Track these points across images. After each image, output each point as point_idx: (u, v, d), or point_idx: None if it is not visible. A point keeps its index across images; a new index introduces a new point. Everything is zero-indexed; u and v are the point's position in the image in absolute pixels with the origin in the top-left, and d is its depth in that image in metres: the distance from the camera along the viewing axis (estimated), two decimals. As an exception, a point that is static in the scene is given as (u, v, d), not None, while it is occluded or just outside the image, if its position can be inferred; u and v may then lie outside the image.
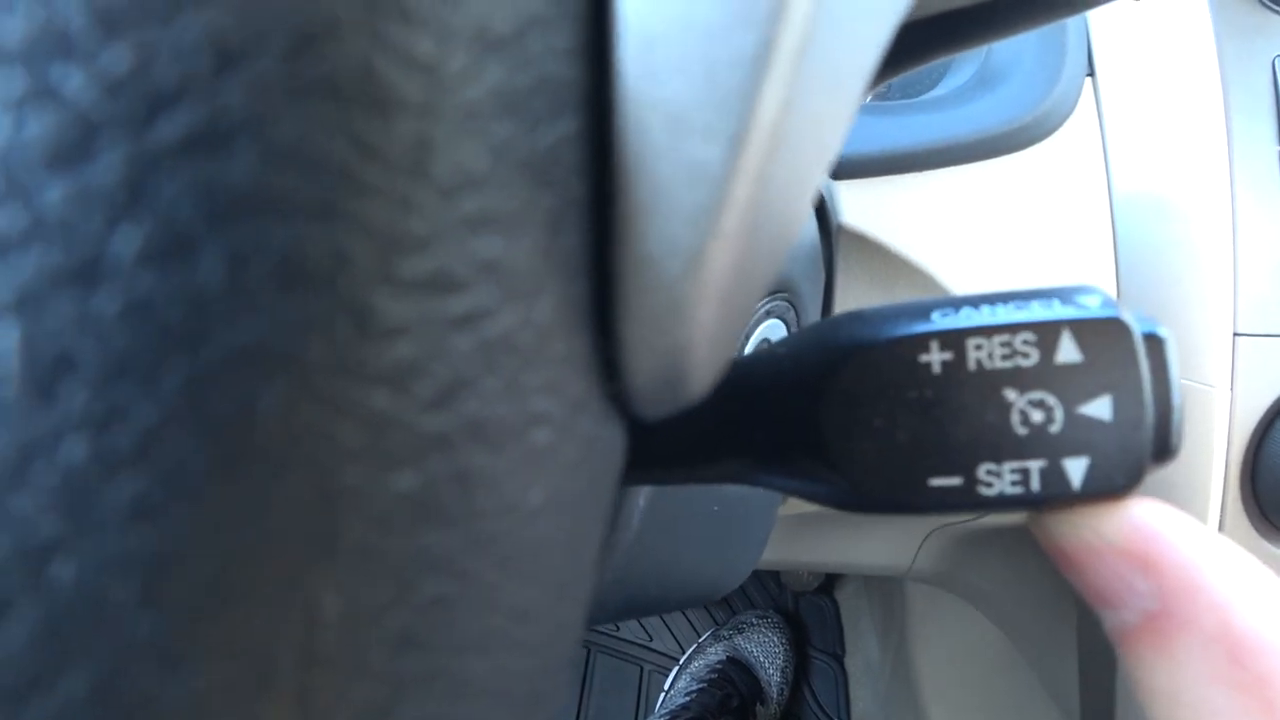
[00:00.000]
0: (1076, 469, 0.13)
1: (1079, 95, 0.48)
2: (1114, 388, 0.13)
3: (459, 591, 0.09)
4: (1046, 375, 0.13)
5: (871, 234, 0.46)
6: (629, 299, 0.09)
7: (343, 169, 0.07)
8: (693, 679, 0.91)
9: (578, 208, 0.09)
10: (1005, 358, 0.13)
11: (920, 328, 0.13)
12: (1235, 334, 0.45)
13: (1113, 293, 0.47)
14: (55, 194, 0.06)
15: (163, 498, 0.07)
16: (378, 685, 0.08)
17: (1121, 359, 0.13)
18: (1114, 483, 0.13)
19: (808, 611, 1.00)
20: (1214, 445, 0.45)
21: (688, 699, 0.87)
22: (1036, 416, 0.13)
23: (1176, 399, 0.13)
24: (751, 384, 0.14)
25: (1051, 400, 0.13)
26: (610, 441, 0.11)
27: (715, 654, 0.94)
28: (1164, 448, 0.13)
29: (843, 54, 0.10)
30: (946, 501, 0.13)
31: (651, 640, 1.03)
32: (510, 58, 0.08)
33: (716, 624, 1.01)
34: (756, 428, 0.14)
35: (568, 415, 0.10)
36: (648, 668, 1.01)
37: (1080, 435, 0.13)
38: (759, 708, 0.90)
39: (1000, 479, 0.13)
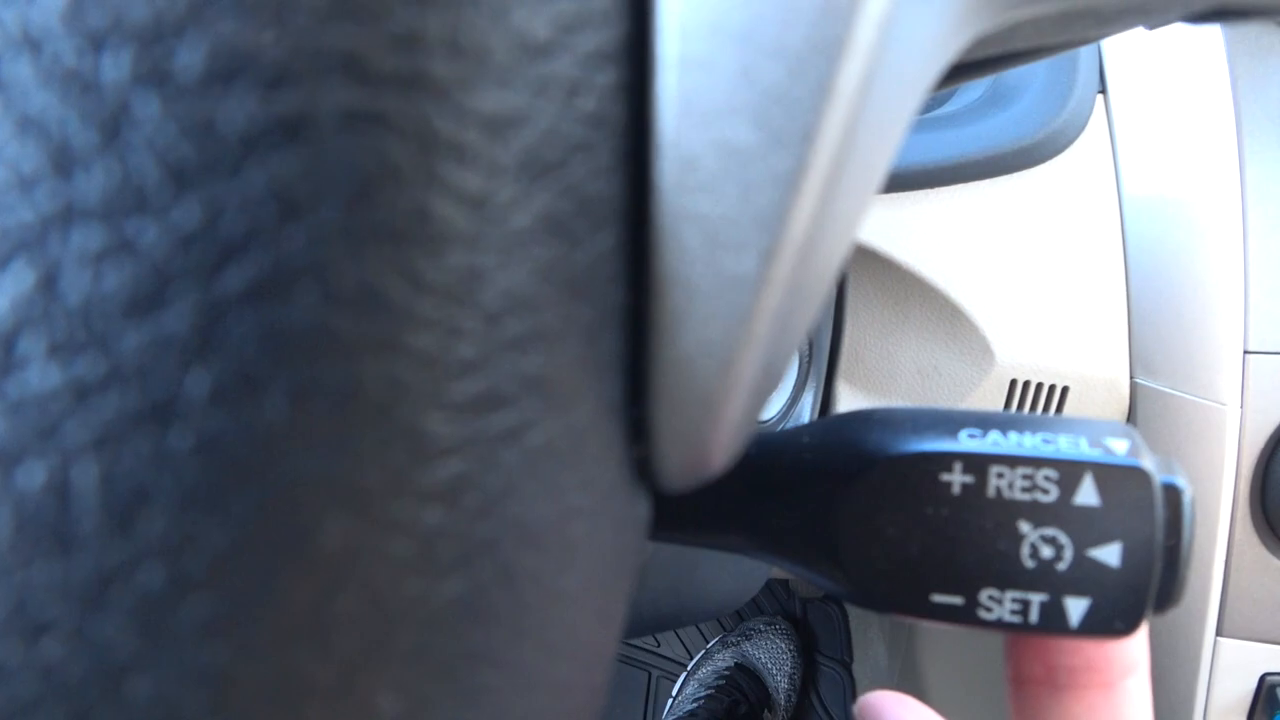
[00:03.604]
0: (1077, 609, 0.13)
1: (1091, 112, 0.48)
2: (1126, 536, 0.13)
3: (505, 679, 0.09)
4: (1063, 514, 0.13)
5: (883, 249, 0.46)
6: (663, 397, 0.10)
7: (398, 304, 0.07)
8: (701, 685, 0.92)
9: (614, 314, 0.09)
10: (1025, 490, 0.13)
11: (946, 446, 0.14)
12: (1246, 351, 0.45)
13: (1122, 306, 0.47)
14: (132, 342, 0.07)
15: (231, 617, 0.07)
16: None
17: (1138, 509, 0.13)
18: (1111, 626, 0.13)
19: (816, 618, 1.00)
20: (1224, 462, 0.45)
21: (696, 705, 0.88)
22: (1046, 552, 0.13)
23: (1186, 553, 0.13)
24: (772, 467, 0.15)
25: (1064, 539, 0.13)
26: (637, 519, 0.12)
27: (723, 660, 0.94)
28: (1166, 599, 0.13)
29: (870, 157, 0.10)
30: (944, 617, 0.14)
31: (659, 646, 1.03)
32: (555, 183, 0.08)
33: (725, 630, 1.01)
34: (771, 512, 0.15)
35: (601, 503, 0.10)
36: (656, 674, 1.02)
37: (1086, 576, 0.13)
38: (767, 714, 0.90)
39: (1001, 605, 0.13)
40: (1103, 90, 0.48)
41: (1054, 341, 0.47)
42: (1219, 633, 0.47)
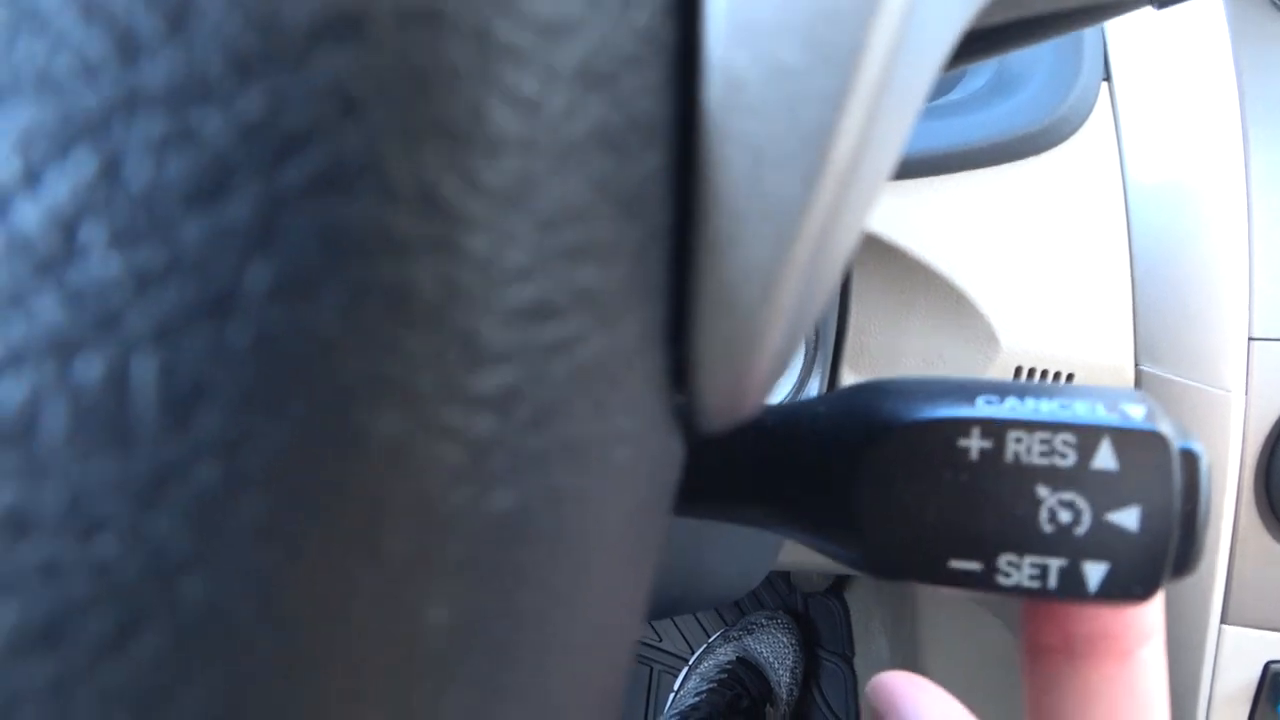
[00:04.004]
0: (1095, 573, 0.13)
1: (1095, 100, 0.48)
2: (1145, 500, 0.13)
3: (550, 603, 0.09)
4: (1081, 478, 0.13)
5: (887, 237, 0.47)
6: (706, 322, 0.10)
7: (454, 205, 0.07)
8: (702, 679, 0.92)
9: (662, 236, 0.09)
10: (1043, 455, 0.13)
11: (964, 412, 0.14)
12: (1250, 338, 0.45)
13: (1127, 293, 0.47)
14: (194, 232, 0.07)
15: (285, 518, 0.07)
16: (474, 691, 0.09)
17: (1156, 473, 0.13)
18: (1130, 591, 0.13)
19: (817, 612, 1.00)
20: (1228, 450, 0.45)
21: (697, 699, 0.88)
22: (1064, 516, 0.13)
23: (1203, 518, 0.13)
24: (788, 438, 0.15)
25: (1082, 503, 0.13)
26: (674, 455, 0.12)
27: (725, 654, 0.94)
28: (1184, 563, 0.13)
29: (910, 84, 0.10)
30: (962, 583, 0.14)
31: (661, 641, 1.03)
32: (608, 95, 0.08)
33: (726, 625, 1.01)
34: (786, 482, 0.15)
35: (644, 432, 0.10)
36: (657, 668, 1.02)
37: (1104, 541, 0.13)
38: (768, 709, 0.90)
39: (1019, 571, 0.13)
40: (1107, 78, 0.49)
41: (1059, 329, 0.47)
42: (1223, 620, 0.47)
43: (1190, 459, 0.13)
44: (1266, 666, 0.48)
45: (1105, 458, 0.13)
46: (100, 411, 0.07)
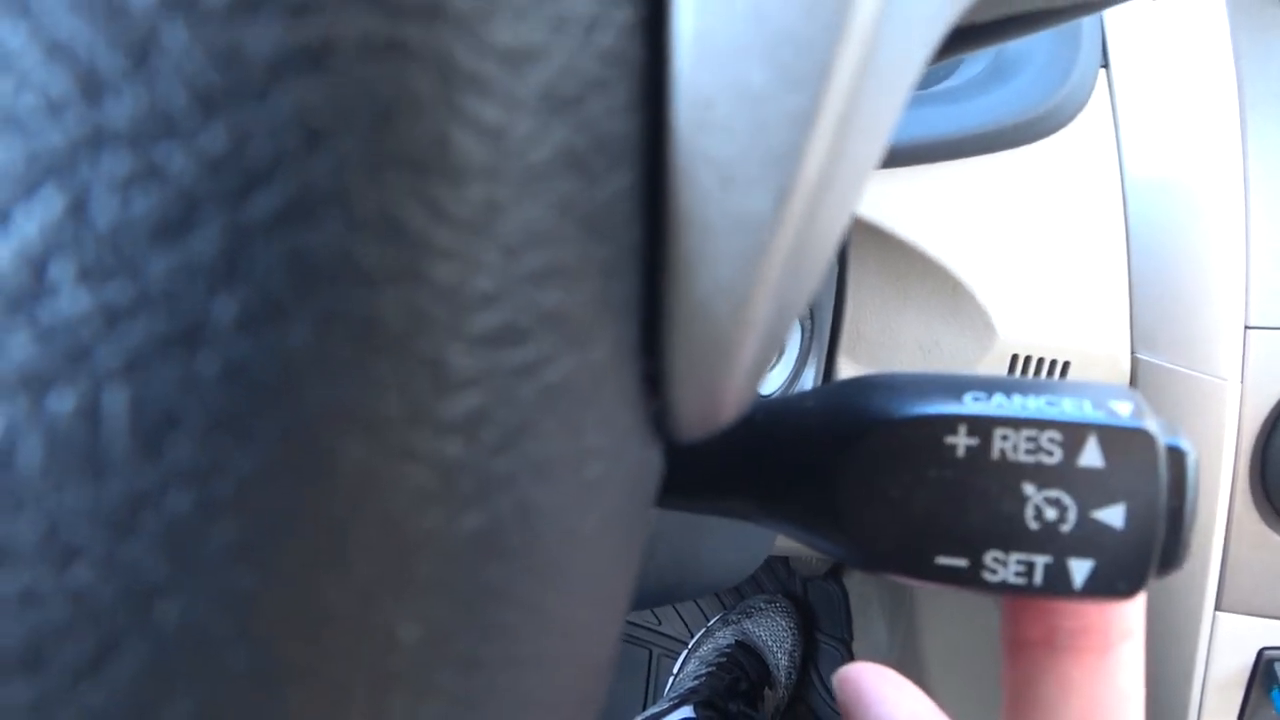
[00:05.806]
0: (1080, 570, 0.13)
1: (1093, 87, 0.48)
2: (1130, 497, 0.13)
3: (521, 617, 0.09)
4: (1066, 476, 0.13)
5: (884, 225, 0.46)
6: (677, 339, 0.10)
7: (418, 234, 0.07)
8: (702, 663, 0.93)
9: (630, 255, 0.09)
10: (1029, 452, 0.13)
11: (951, 409, 0.14)
12: (1246, 326, 0.45)
13: (1123, 281, 0.47)
14: (160, 266, 0.07)
15: (257, 541, 0.07)
16: (446, 704, 0.09)
17: (1142, 471, 0.13)
18: (1115, 588, 0.13)
19: (816, 596, 1.01)
20: (1224, 438, 0.45)
21: (696, 682, 0.88)
22: (1050, 513, 0.13)
23: (1190, 515, 0.13)
24: (775, 431, 0.15)
25: (1067, 500, 0.13)
26: (651, 464, 0.12)
27: (724, 638, 0.95)
28: (1170, 560, 0.14)
29: (881, 102, 0.10)
30: (949, 580, 0.14)
31: (660, 624, 1.04)
32: (572, 119, 0.08)
33: (725, 608, 1.02)
34: (774, 475, 0.15)
35: (617, 446, 0.10)
36: (657, 651, 1.03)
37: (1090, 538, 0.13)
38: (767, 691, 0.91)
39: (1005, 567, 0.14)
40: (1105, 64, 0.48)
41: (1055, 316, 0.47)
42: (1218, 607, 0.48)
43: (1177, 456, 0.13)
44: (1260, 653, 0.48)
45: (1091, 455, 0.13)
46: (74, 443, 0.07)
